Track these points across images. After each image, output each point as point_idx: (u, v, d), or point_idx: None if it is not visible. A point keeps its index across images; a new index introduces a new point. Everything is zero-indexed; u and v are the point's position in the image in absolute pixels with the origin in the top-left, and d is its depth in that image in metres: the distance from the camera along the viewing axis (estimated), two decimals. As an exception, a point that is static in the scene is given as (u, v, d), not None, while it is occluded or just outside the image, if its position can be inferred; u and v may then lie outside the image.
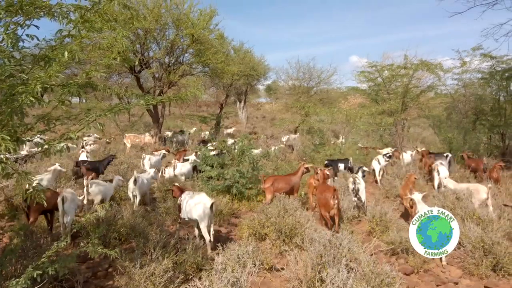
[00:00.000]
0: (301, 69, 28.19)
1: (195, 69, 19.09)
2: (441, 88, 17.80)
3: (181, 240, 6.26)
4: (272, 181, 8.46)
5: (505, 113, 15.09)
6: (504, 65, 14.89)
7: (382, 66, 16.40)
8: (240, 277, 3.44)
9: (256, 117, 43.63)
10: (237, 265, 3.82)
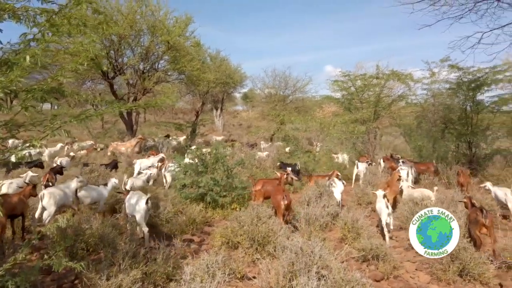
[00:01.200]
0: (277, 78, 28.56)
1: (171, 76, 18.97)
2: (411, 98, 18.35)
3: (152, 249, 6.15)
4: (262, 184, 8.92)
5: (472, 122, 15.65)
6: (471, 76, 15.46)
7: (355, 75, 16.77)
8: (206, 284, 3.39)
9: (232, 124, 43.65)
10: (206, 275, 3.77)
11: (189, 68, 16.55)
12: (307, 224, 7.43)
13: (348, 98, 17.60)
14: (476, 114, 15.85)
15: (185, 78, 18.64)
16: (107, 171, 11.35)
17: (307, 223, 7.44)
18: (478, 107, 15.70)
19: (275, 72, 28.59)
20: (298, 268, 4.79)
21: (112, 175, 11.18)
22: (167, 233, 7.51)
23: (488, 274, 5.55)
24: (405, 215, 7.99)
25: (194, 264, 4.25)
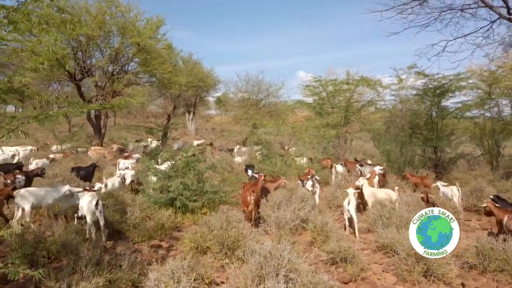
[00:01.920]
0: (250, 82, 28.63)
1: (141, 78, 18.61)
2: (380, 103, 18.87)
3: (117, 256, 5.95)
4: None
5: (437, 127, 16.24)
6: (436, 83, 16.05)
7: (326, 81, 17.03)
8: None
9: (205, 129, 43.30)
10: (171, 280, 3.67)
11: (160, 71, 16.30)
12: (277, 228, 7.43)
13: (320, 103, 17.84)
14: (441, 119, 16.45)
15: (156, 81, 18.34)
16: (73, 175, 10.92)
17: (277, 227, 7.44)
18: (443, 113, 16.31)
19: (248, 76, 28.68)
20: (267, 272, 4.76)
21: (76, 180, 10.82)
22: (134, 239, 7.32)
23: (451, 274, 5.72)
24: (372, 217, 8.13)
25: (159, 270, 4.14)
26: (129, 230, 7.60)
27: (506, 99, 16.20)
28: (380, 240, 7.06)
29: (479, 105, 16.18)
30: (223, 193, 9.51)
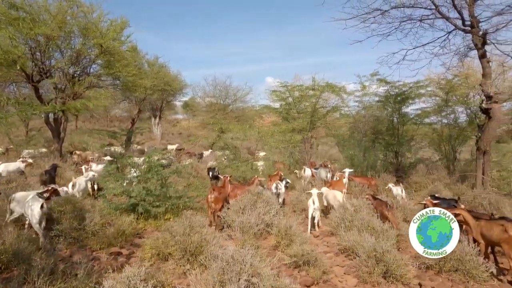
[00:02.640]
0: (218, 87, 28.57)
1: (104, 81, 18.03)
2: (344, 110, 19.35)
3: (73, 264, 5.71)
4: (232, 188, 9.77)
5: (398, 133, 16.82)
6: (397, 90, 16.65)
7: (293, 86, 17.26)
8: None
9: (172, 133, 42.60)
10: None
11: (124, 73, 15.84)
12: (242, 232, 7.39)
13: (286, 108, 18.05)
14: (402, 125, 17.06)
15: (120, 84, 17.84)
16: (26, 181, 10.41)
17: (241, 232, 7.39)
18: (403, 119, 16.93)
19: (216, 81, 28.65)
20: (229, 277, 4.70)
21: (32, 185, 10.31)
22: (92, 246, 7.04)
23: (409, 275, 5.89)
24: (336, 221, 8.25)
25: (115, 277, 3.98)
26: (88, 238, 7.31)
27: (462, 106, 17.02)
28: (342, 243, 7.17)
29: (437, 112, 16.90)
30: (188, 198, 9.36)
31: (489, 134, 11.09)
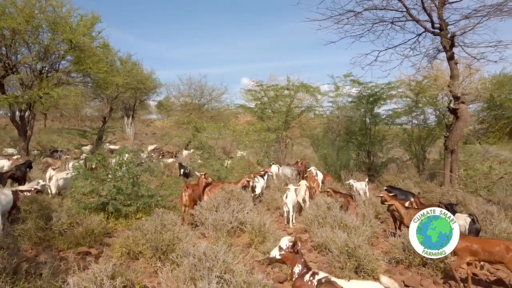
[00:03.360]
0: (193, 86, 28.25)
1: (74, 78, 17.49)
2: (319, 110, 19.56)
3: (38, 264, 5.47)
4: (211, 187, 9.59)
5: (370, 133, 17.17)
6: (369, 91, 16.99)
7: (268, 86, 17.31)
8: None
9: (145, 133, 41.85)
10: (93, 284, 3.41)
11: (95, 70, 15.39)
12: (215, 230, 7.30)
13: (261, 108, 18.07)
14: (374, 125, 17.43)
15: (90, 81, 17.34)
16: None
17: (214, 229, 7.31)
18: (375, 119, 17.28)
19: (191, 80, 28.30)
20: (201, 274, 4.63)
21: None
22: (59, 246, 6.78)
23: (379, 270, 5.98)
24: (309, 218, 8.29)
25: (81, 275, 3.83)
26: (55, 238, 7.03)
27: (431, 108, 17.55)
28: (315, 239, 7.21)
29: (407, 113, 17.37)
30: (160, 196, 9.17)
31: (457, 133, 11.47)
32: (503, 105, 16.94)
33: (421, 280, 5.89)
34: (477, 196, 10.05)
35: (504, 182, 11.41)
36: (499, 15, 10.64)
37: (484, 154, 16.70)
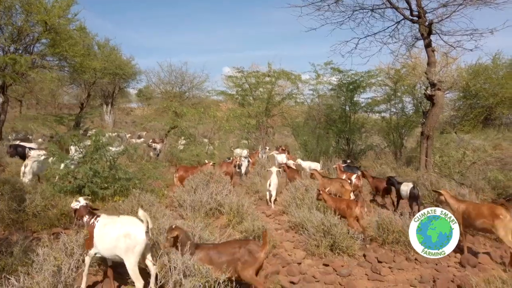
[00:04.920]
0: (173, 73, 27.75)
1: (51, 62, 16.96)
2: (300, 98, 19.65)
3: (10, 244, 5.35)
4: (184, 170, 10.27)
5: (350, 121, 17.38)
6: (349, 79, 17.16)
7: (248, 72, 17.24)
8: (63, 266, 3.01)
9: (125, 121, 41.20)
10: (63, 254, 3.37)
11: (71, 53, 14.95)
12: (193, 211, 7.30)
13: (242, 94, 18.01)
14: (354, 113, 17.63)
15: (67, 65, 16.85)
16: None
17: (192, 210, 7.30)
18: (355, 107, 17.49)
19: (171, 67, 27.77)
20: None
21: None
22: (33, 228, 6.65)
23: (354, 247, 6.13)
24: (287, 200, 8.38)
25: (51, 246, 3.77)
26: (28, 219, 6.89)
27: (409, 96, 17.86)
28: (292, 219, 7.30)
29: (386, 101, 17.62)
30: (138, 180, 9.07)
31: (433, 119, 11.73)
32: (478, 94, 17.36)
33: (394, 257, 6.05)
34: (451, 180, 10.34)
35: (476, 167, 11.77)
36: (475, 3, 10.86)
37: (459, 143, 17.15)
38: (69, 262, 3.07)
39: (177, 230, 4.14)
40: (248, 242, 4.19)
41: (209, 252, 4.07)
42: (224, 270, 3.82)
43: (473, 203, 6.59)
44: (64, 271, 2.97)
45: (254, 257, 3.97)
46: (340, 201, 7.05)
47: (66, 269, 2.98)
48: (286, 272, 5.40)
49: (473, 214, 6.08)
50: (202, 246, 4.20)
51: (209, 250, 4.10)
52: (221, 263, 3.95)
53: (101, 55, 20.39)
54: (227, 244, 4.32)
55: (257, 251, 4.01)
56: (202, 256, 4.00)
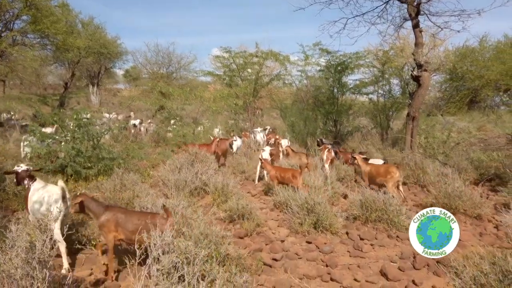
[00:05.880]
0: (160, 53, 27.35)
1: (32, 39, 16.46)
2: (288, 79, 19.49)
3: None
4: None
5: (338, 102, 17.36)
6: (338, 60, 17.04)
7: (236, 53, 17.00)
8: (37, 242, 2.96)
9: (112, 102, 40.56)
10: (37, 230, 3.31)
11: (52, 31, 14.54)
12: (177, 190, 7.26)
13: (229, 75, 17.80)
14: (342, 95, 17.60)
15: (49, 43, 16.38)
16: None
17: (176, 189, 7.26)
18: (343, 88, 17.44)
19: (158, 47, 27.31)
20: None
21: None
22: (13, 207, 6.56)
23: (337, 225, 6.18)
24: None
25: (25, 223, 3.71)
26: (9, 199, 6.79)
27: (396, 78, 17.86)
28: (277, 198, 7.32)
29: (373, 83, 17.59)
30: (122, 159, 8.97)
31: (418, 100, 11.77)
32: (464, 76, 17.46)
33: (376, 234, 6.13)
34: (435, 161, 10.47)
35: (460, 148, 11.93)
36: (463, -17, 10.77)
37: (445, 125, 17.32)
38: (43, 239, 3.01)
39: (80, 196, 4.44)
40: (155, 216, 4.31)
41: (117, 215, 4.25)
42: (129, 237, 4.15)
43: (376, 165, 8.38)
44: (38, 247, 2.92)
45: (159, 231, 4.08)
46: (286, 171, 8.04)
47: (40, 245, 2.94)
48: (269, 249, 5.44)
49: (375, 173, 7.92)
50: (111, 208, 4.41)
51: (118, 213, 4.29)
52: (125, 229, 4.20)
53: (85, 34, 19.88)
54: (137, 214, 4.46)
55: (162, 224, 4.12)
56: (109, 217, 4.22)
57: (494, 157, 10.37)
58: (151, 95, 24.47)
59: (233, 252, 4.41)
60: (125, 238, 4.24)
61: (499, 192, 8.26)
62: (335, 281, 4.56)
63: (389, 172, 7.67)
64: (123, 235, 4.24)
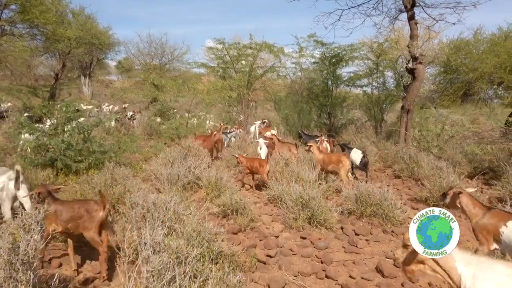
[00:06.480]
0: (153, 44, 27.02)
1: (21, 29, 16.09)
2: (282, 71, 19.32)
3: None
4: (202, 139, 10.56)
5: (332, 95, 17.26)
6: (332, 52, 16.91)
7: (230, 44, 16.77)
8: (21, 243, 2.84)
9: (104, 94, 40.08)
10: (21, 230, 3.19)
11: (42, 21, 14.19)
12: (169, 184, 7.14)
13: (223, 67, 17.59)
14: (336, 87, 17.50)
15: (38, 33, 16.02)
16: None
17: (169, 184, 7.14)
18: (337, 81, 17.33)
19: (151, 38, 26.98)
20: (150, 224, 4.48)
21: None
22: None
23: (332, 220, 6.12)
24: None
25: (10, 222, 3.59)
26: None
27: (391, 71, 17.78)
28: (271, 193, 7.24)
29: (368, 75, 17.51)
30: (114, 153, 8.81)
31: (413, 93, 11.73)
32: (458, 69, 17.40)
33: (371, 229, 6.08)
34: (429, 154, 10.44)
35: (454, 141, 11.91)
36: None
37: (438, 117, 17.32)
38: (27, 239, 2.89)
39: (40, 188, 4.39)
40: (87, 202, 4.26)
41: (57, 207, 4.18)
42: (67, 227, 4.08)
43: (329, 154, 9.12)
44: (22, 248, 2.79)
45: (92, 217, 4.05)
46: (253, 160, 8.37)
47: (24, 246, 2.81)
48: (263, 245, 5.36)
49: (327, 161, 8.37)
50: (56, 201, 4.33)
51: (58, 206, 4.22)
52: (62, 220, 4.12)
53: (76, 24, 19.48)
54: (70, 203, 4.41)
55: (95, 210, 4.08)
56: (52, 210, 4.15)
57: (488, 150, 10.36)
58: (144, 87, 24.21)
59: (227, 249, 4.31)
60: (63, 228, 4.16)
61: (493, 186, 8.25)
62: (330, 278, 4.49)
63: (340, 161, 8.18)
64: (60, 227, 4.16)
